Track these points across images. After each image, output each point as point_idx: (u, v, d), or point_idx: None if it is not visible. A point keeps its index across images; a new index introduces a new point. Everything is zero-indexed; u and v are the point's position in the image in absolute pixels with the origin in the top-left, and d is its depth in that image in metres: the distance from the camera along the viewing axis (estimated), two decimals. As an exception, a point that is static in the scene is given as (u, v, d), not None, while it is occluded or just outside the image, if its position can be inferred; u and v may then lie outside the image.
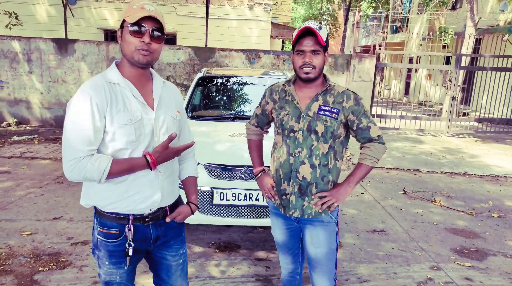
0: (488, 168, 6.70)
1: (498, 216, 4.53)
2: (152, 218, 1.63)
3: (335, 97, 1.90)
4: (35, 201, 4.34)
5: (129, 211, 1.57)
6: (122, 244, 1.59)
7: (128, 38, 1.49)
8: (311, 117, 1.87)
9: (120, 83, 1.53)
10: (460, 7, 15.20)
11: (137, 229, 1.60)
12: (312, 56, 1.81)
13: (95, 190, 1.57)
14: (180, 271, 1.81)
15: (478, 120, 10.09)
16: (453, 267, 3.31)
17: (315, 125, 1.86)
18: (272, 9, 12.91)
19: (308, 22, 1.81)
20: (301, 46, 1.81)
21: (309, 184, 1.90)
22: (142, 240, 1.63)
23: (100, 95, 1.46)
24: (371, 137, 1.94)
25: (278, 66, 8.84)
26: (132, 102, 1.53)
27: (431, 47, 14.46)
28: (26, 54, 8.42)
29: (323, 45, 1.81)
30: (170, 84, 1.78)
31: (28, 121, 8.72)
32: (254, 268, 3.14)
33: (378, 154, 1.94)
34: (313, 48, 1.80)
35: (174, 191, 1.72)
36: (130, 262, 1.64)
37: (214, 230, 3.80)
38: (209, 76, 4.72)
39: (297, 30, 1.85)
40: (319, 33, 1.78)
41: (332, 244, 1.98)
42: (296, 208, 1.94)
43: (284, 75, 4.80)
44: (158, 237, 1.68)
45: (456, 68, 9.56)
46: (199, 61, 8.69)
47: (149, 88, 1.61)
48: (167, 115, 1.62)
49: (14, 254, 3.17)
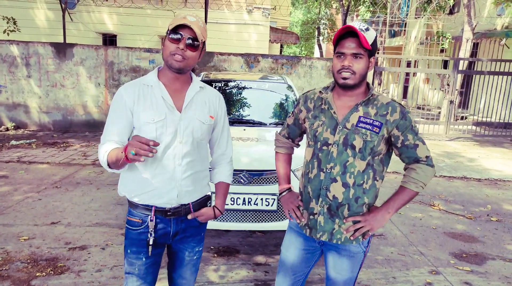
0: (486, 172, 6.71)
1: (496, 220, 4.53)
2: (173, 212, 1.71)
3: (378, 108, 1.68)
4: (32, 206, 4.32)
5: (152, 202, 1.68)
6: (143, 233, 1.69)
7: (166, 43, 1.62)
8: (349, 130, 1.66)
9: (154, 85, 1.66)
10: (457, 12, 15.29)
11: (159, 221, 1.70)
12: (353, 60, 1.61)
13: (125, 181, 1.71)
14: (192, 265, 1.89)
15: (476, 124, 10.12)
16: (452, 271, 3.31)
17: (353, 138, 1.65)
18: (271, 14, 12.96)
19: (354, 22, 1.62)
20: (341, 48, 1.62)
21: (340, 205, 1.69)
22: (162, 233, 1.72)
23: (129, 94, 1.64)
24: (418, 158, 1.70)
25: (277, 70, 8.86)
26: (159, 103, 1.64)
27: (429, 51, 14.52)
28: (25, 58, 8.41)
29: (367, 48, 1.60)
30: (212, 90, 1.84)
31: (26, 126, 8.70)
32: (253, 273, 3.13)
33: (426, 178, 1.69)
34: (355, 51, 1.60)
35: (196, 191, 1.77)
36: (149, 256, 1.72)
37: (213, 234, 3.78)
38: (207, 81, 4.72)
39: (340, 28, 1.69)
40: (363, 34, 1.58)
41: (355, 273, 1.82)
42: (324, 231, 1.74)
43: (282, 79, 4.81)
44: (177, 232, 1.76)
45: (454, 72, 9.59)
46: (198, 65, 8.70)
47: (183, 92, 1.71)
48: (194, 118, 1.69)
49: (11, 260, 3.15)
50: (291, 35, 16.33)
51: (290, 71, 8.89)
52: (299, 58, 9.00)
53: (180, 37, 1.58)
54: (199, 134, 1.71)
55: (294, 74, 8.85)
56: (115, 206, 4.41)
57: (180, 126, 1.66)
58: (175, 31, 1.58)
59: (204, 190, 1.85)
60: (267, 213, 3.17)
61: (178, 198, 1.70)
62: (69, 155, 6.61)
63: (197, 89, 1.73)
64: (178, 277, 1.90)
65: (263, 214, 3.18)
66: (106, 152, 1.56)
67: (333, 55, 1.70)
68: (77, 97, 8.67)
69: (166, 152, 1.65)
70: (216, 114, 1.81)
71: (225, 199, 1.92)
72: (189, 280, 1.92)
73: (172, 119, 1.64)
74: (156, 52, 8.66)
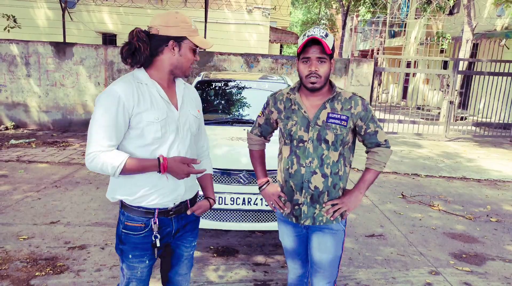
0: (486, 172, 6.71)
1: (496, 221, 4.53)
2: (175, 211, 1.75)
3: (342, 103, 1.88)
4: (32, 205, 4.31)
5: (154, 205, 1.68)
6: (147, 236, 1.70)
7: (188, 56, 1.68)
8: (320, 126, 1.85)
9: (148, 83, 1.66)
10: (457, 12, 15.29)
11: (162, 222, 1.72)
12: (318, 64, 1.78)
13: (124, 184, 1.67)
14: (188, 261, 1.93)
15: (475, 125, 10.12)
16: (452, 271, 3.30)
17: (325, 134, 1.84)
18: (271, 14, 12.95)
19: (314, 30, 1.79)
20: (307, 53, 1.78)
21: (321, 193, 1.90)
22: (165, 233, 1.75)
23: (128, 94, 1.58)
24: (379, 142, 1.95)
25: (277, 70, 8.86)
26: (158, 101, 1.65)
27: (429, 51, 14.52)
28: (24, 58, 8.40)
29: (328, 53, 1.78)
30: (190, 86, 1.90)
31: (25, 125, 8.69)
32: (252, 273, 3.12)
33: (386, 158, 1.95)
34: (319, 56, 1.77)
35: (193, 186, 1.85)
36: (152, 258, 1.75)
37: (212, 234, 3.78)
38: (207, 80, 4.72)
39: (302, 39, 1.81)
40: (325, 41, 1.75)
41: (338, 251, 1.98)
42: (307, 216, 1.93)
43: (282, 79, 4.80)
44: (178, 230, 1.81)
45: (454, 73, 9.60)
46: (198, 65, 8.69)
47: (173, 89, 1.75)
48: (189, 113, 1.77)
49: (11, 259, 3.15)
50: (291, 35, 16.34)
51: (290, 71, 8.89)
52: (299, 58, 8.99)
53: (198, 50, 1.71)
54: (194, 128, 1.79)
55: (294, 74, 8.85)
56: (114, 205, 4.40)
57: (180, 123, 1.70)
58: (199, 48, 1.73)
59: (197, 186, 1.93)
60: (267, 213, 3.17)
61: (184, 194, 1.75)
62: (68, 155, 6.60)
63: (183, 85, 1.80)
64: (175, 274, 1.93)
65: (263, 214, 3.17)
66: (124, 160, 1.55)
67: (297, 61, 1.88)
68: (76, 97, 8.66)
69: (172, 150, 1.67)
70: (200, 108, 1.90)
71: (213, 188, 2.01)
72: (186, 276, 1.96)
73: (172, 117, 1.68)
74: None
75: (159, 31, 1.62)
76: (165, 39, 1.62)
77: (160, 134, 1.62)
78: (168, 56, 1.65)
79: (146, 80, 1.65)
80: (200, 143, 1.95)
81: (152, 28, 1.64)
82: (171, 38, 1.62)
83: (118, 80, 1.64)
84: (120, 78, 1.66)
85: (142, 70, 1.68)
